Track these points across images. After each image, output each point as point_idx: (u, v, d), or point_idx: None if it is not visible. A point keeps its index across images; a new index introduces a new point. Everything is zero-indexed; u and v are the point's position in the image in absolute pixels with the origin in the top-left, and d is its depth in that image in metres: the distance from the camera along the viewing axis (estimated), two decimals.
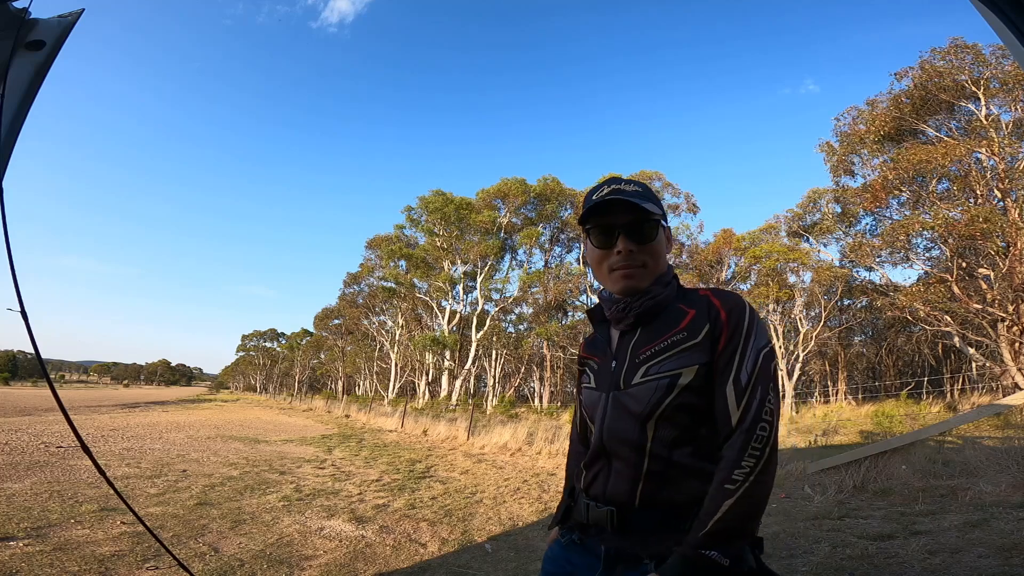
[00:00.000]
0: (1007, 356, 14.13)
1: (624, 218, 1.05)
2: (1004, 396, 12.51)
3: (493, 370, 28.86)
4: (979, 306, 14.70)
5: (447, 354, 27.67)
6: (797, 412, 19.97)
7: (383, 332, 34.35)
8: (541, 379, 29.50)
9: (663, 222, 1.09)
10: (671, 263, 1.13)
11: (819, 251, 22.11)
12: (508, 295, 28.89)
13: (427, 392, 30.21)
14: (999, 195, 14.93)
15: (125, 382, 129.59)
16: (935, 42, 16.36)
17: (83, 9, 1.34)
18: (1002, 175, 14.58)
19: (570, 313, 27.56)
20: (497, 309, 29.24)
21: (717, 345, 0.96)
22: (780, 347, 22.02)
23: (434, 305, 29.64)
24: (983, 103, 15.08)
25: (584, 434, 1.17)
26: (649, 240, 1.05)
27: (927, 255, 17.39)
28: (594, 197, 1.08)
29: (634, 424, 0.98)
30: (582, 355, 1.20)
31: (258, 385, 76.63)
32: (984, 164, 15.28)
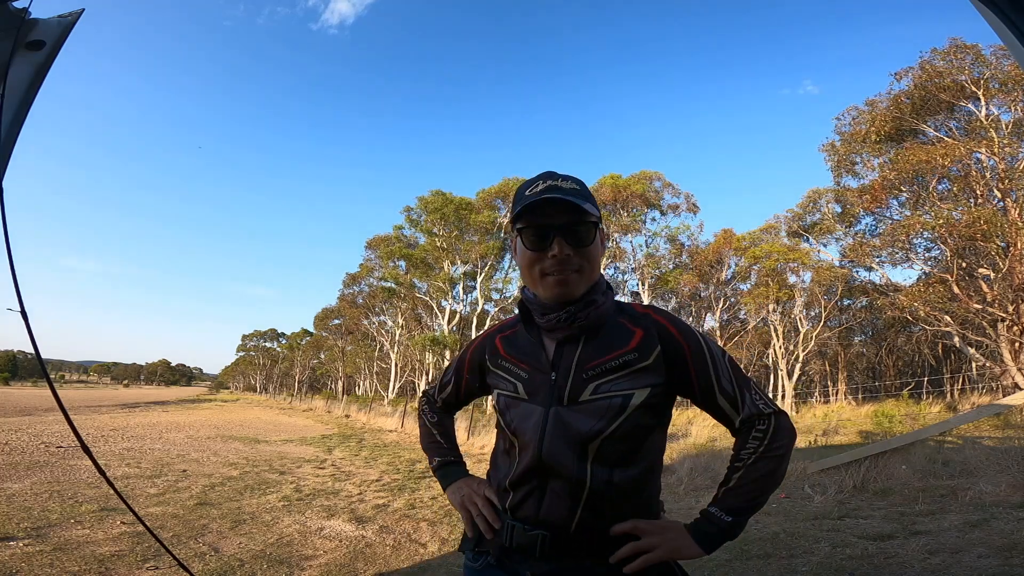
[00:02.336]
0: (1007, 356, 14.12)
1: (561, 219, 0.95)
2: (1004, 396, 12.50)
3: None
4: (979, 306, 14.70)
5: (447, 354, 27.65)
6: (797, 412, 19.96)
7: (383, 332, 34.33)
8: None
9: (600, 224, 1.01)
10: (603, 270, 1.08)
11: (819, 251, 22.11)
12: (508, 295, 28.89)
13: None
14: (999, 195, 14.93)
15: (125, 382, 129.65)
16: (934, 43, 16.39)
17: (83, 9, 1.34)
18: (1002, 175, 14.58)
19: None
20: (497, 309, 29.24)
21: (679, 368, 0.96)
22: (780, 347, 22.03)
23: (434, 305, 29.64)
24: (983, 103, 15.08)
25: (499, 447, 1.10)
26: (586, 244, 0.97)
27: (927, 255, 17.39)
28: (527, 193, 0.97)
29: (577, 444, 0.93)
30: (501, 353, 1.08)
31: (258, 385, 76.58)
32: (984, 164, 15.28)
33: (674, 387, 0.98)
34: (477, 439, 12.18)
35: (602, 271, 1.07)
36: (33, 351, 1.27)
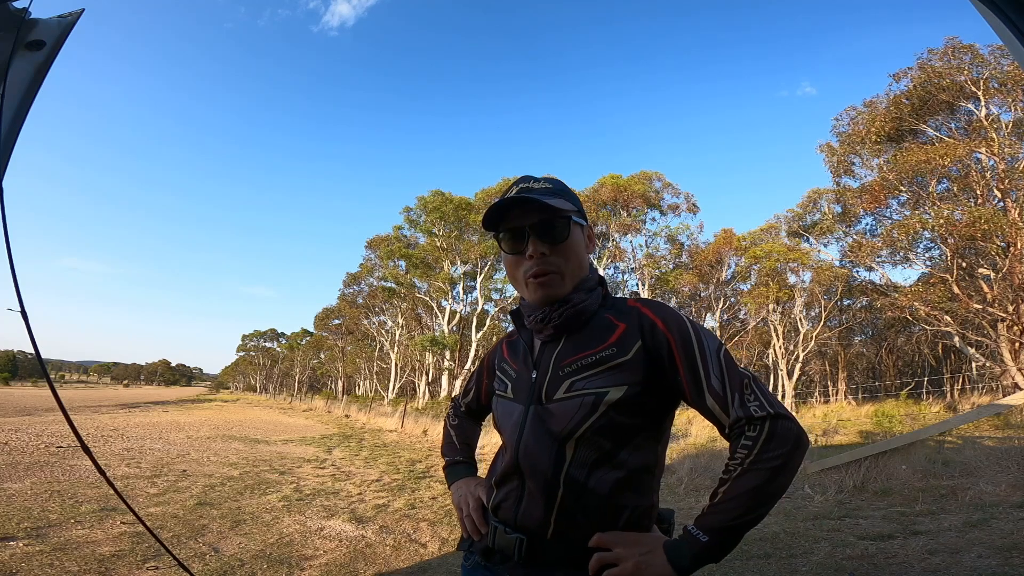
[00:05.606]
0: (1007, 356, 14.13)
1: (533, 218, 0.95)
2: (1004, 396, 12.49)
3: None
4: (979, 306, 14.70)
5: (447, 354, 27.66)
6: (797, 412, 19.99)
7: (383, 332, 34.35)
8: None
9: (577, 219, 0.99)
10: (595, 266, 1.05)
11: (819, 251, 22.12)
12: (508, 295, 28.90)
13: (427, 392, 30.20)
14: (999, 195, 14.93)
15: (125, 382, 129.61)
16: (932, 44, 16.41)
17: (83, 9, 1.34)
18: (1002, 175, 14.58)
19: None
20: (497, 309, 29.25)
21: (664, 363, 0.89)
22: (780, 347, 22.04)
23: (434, 305, 29.64)
24: (983, 103, 15.08)
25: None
26: (561, 240, 0.96)
27: (927, 255, 17.41)
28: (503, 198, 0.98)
29: (552, 443, 0.90)
30: (502, 354, 1.10)
31: (258, 385, 76.60)
32: (984, 164, 15.29)
33: (661, 385, 0.91)
34: None
35: (597, 267, 1.06)
36: (33, 351, 1.27)
